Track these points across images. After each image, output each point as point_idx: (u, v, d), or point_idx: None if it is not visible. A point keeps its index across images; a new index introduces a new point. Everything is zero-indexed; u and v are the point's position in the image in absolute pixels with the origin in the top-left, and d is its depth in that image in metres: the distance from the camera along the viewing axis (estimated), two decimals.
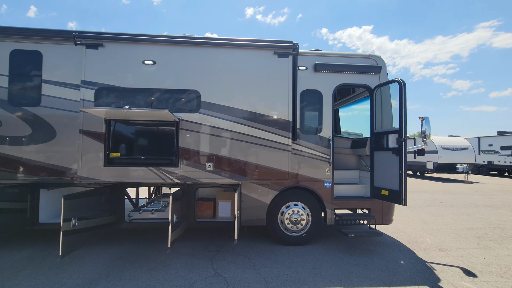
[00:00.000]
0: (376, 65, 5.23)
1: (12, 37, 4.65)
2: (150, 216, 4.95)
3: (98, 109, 3.98)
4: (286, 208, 5.07)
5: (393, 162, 4.59)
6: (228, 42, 4.57)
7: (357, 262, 4.41)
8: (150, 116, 4.19)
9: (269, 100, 4.59)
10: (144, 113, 3.99)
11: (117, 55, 4.39)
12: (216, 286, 3.55)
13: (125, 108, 3.81)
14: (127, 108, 3.85)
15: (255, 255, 4.62)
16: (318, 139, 5.08)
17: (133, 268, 4.05)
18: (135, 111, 3.79)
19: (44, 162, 4.60)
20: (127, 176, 4.37)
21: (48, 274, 3.82)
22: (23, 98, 4.66)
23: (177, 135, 4.41)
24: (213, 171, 4.45)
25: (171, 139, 4.43)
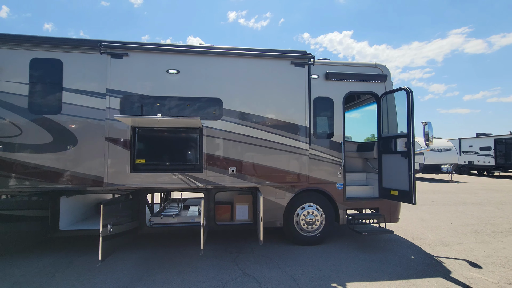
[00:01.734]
0: (382, 74, 5.61)
1: (32, 45, 4.68)
2: (171, 220, 5.06)
3: (132, 118, 4.11)
4: (301, 209, 5.32)
5: (402, 164, 4.94)
6: (248, 52, 4.79)
7: (372, 258, 4.71)
8: (181, 123, 4.35)
9: (287, 107, 4.84)
10: (176, 121, 4.14)
11: (141, 64, 4.52)
12: (249, 285, 3.74)
13: (158, 116, 3.95)
14: (160, 116, 3.99)
15: (275, 255, 4.83)
16: (330, 143, 5.38)
17: (162, 271, 4.17)
18: (168, 119, 3.94)
19: (65, 169, 4.64)
20: (153, 182, 4.49)
21: (80, 280, 3.88)
22: (43, 106, 4.69)
23: (201, 141, 4.58)
24: (236, 176, 4.64)
25: (195, 145, 4.59)
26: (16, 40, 4.66)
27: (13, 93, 4.60)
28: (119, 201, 4.14)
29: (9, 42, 4.63)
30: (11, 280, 3.88)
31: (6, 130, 4.54)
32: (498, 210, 8.88)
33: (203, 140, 4.59)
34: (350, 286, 3.74)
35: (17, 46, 4.65)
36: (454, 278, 3.97)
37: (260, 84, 4.80)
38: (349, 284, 3.78)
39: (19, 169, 4.53)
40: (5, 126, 4.54)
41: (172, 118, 4.05)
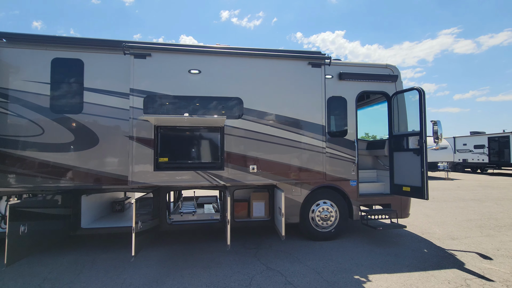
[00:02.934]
0: (393, 74, 5.79)
1: (53, 45, 4.72)
2: (190, 218, 5.15)
3: (161, 117, 4.20)
4: (316, 206, 5.47)
5: (414, 161, 5.13)
6: (267, 53, 4.91)
7: (387, 252, 4.89)
8: (207, 122, 4.45)
9: (305, 106, 4.98)
10: (203, 120, 4.24)
11: (164, 64, 4.60)
12: (275, 279, 3.87)
13: (185, 115, 4.05)
14: (187, 115, 4.09)
15: (293, 250, 4.97)
16: (344, 141, 5.54)
17: (188, 266, 4.27)
18: (195, 118, 4.04)
19: (87, 168, 4.70)
20: (176, 180, 4.58)
21: (108, 276, 3.96)
22: (65, 106, 4.74)
23: (222, 140, 4.68)
24: (256, 173, 4.76)
25: (216, 144, 4.69)
26: (38, 40, 4.69)
27: (35, 93, 4.64)
28: (147, 199, 4.23)
29: (30, 42, 4.66)
30: (41, 277, 3.94)
31: (29, 129, 4.58)
32: (497, 206, 9.19)
33: (224, 138, 4.69)
34: (372, 278, 3.90)
35: (38, 46, 4.69)
36: (468, 269, 4.17)
37: (278, 84, 4.93)
38: (371, 276, 3.94)
39: (42, 168, 4.58)
40: (28, 126, 4.58)
41: (200, 117, 4.15)
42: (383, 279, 3.85)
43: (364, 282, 3.78)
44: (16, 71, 4.62)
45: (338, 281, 3.79)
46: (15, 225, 3.48)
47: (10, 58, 4.61)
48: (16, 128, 4.56)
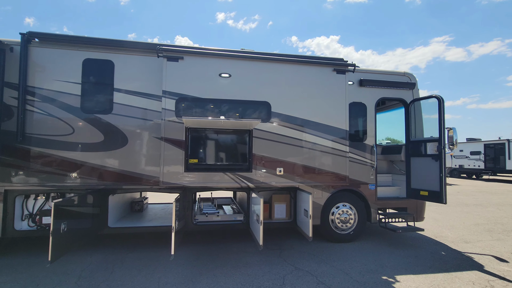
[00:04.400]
0: (411, 82, 5.99)
1: (85, 46, 4.79)
2: (215, 218, 5.24)
3: (198, 119, 4.32)
4: (336, 208, 5.61)
5: (433, 166, 5.31)
6: (295, 58, 5.06)
7: (407, 254, 5.05)
8: (242, 125, 4.56)
9: (330, 111, 5.13)
10: (238, 123, 4.34)
11: (195, 67, 4.70)
12: (306, 279, 3.99)
13: (221, 118, 4.15)
14: (223, 118, 4.20)
15: (316, 251, 5.09)
16: (364, 146, 5.71)
17: (217, 266, 4.36)
18: (231, 121, 4.15)
19: (116, 168, 4.76)
20: (206, 181, 4.67)
21: (142, 274, 4.02)
22: (95, 106, 4.80)
23: (250, 143, 4.80)
24: (283, 176, 4.88)
25: (244, 146, 4.80)
26: (69, 41, 4.75)
27: (66, 93, 4.69)
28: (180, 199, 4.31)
29: (62, 42, 4.72)
30: (75, 275, 3.98)
31: (59, 128, 4.63)
32: (500, 211, 9.46)
33: (252, 141, 4.80)
34: (399, 279, 4.04)
35: (70, 47, 4.75)
36: (488, 271, 4.34)
37: (304, 89, 5.07)
38: (398, 277, 4.08)
39: (71, 167, 4.63)
40: (59, 125, 4.63)
41: (236, 120, 4.26)
42: (410, 280, 4.00)
43: (393, 282, 3.92)
44: (48, 70, 4.67)
45: (368, 282, 3.92)
46: (58, 223, 3.53)
47: (42, 58, 4.66)
48: (47, 127, 4.60)
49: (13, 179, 4.48)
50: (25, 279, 3.83)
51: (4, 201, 4.47)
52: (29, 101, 4.57)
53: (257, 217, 4.35)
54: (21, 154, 4.50)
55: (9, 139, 4.47)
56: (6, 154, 4.46)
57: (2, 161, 4.44)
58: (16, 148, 4.49)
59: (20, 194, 4.60)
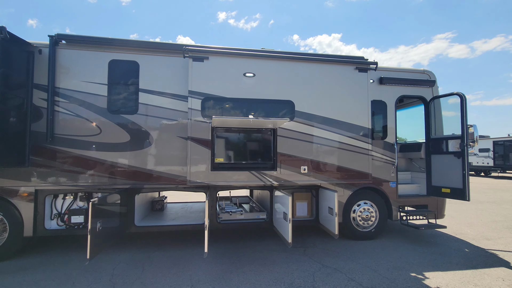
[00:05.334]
0: (430, 79, 5.99)
1: (111, 47, 4.85)
2: (239, 217, 5.29)
3: (227, 118, 4.36)
4: (357, 206, 5.63)
5: (455, 163, 5.31)
6: (318, 57, 5.09)
7: (431, 251, 5.06)
8: (270, 124, 4.59)
9: (352, 109, 5.15)
10: (267, 122, 4.38)
11: (220, 67, 4.74)
12: (336, 276, 4.03)
13: (250, 117, 4.20)
14: (252, 117, 4.24)
15: (339, 249, 5.12)
16: (384, 144, 5.72)
17: (245, 264, 4.41)
18: (260, 120, 4.19)
19: (142, 167, 4.82)
20: (232, 180, 4.72)
21: (173, 272, 4.09)
22: (121, 106, 4.86)
23: (275, 141, 4.83)
24: (307, 174, 4.92)
25: (269, 145, 4.84)
26: (96, 42, 4.81)
27: (93, 93, 4.76)
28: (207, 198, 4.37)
29: (88, 44, 4.78)
30: (107, 273, 4.05)
31: (87, 129, 4.70)
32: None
33: (276, 140, 4.84)
34: (428, 275, 4.06)
35: (96, 48, 4.81)
36: None
37: (327, 87, 5.09)
38: (426, 274, 4.10)
39: (99, 167, 4.70)
40: (86, 125, 4.70)
41: (265, 119, 4.30)
42: (439, 277, 4.02)
43: (422, 279, 3.94)
44: (75, 72, 4.74)
45: (397, 278, 3.95)
46: (94, 222, 3.60)
47: (69, 59, 4.73)
48: (75, 128, 4.67)
49: (43, 179, 4.56)
50: (60, 277, 3.91)
51: (35, 201, 4.56)
52: (58, 102, 4.65)
53: (285, 215, 4.39)
54: (51, 154, 4.58)
55: (39, 140, 4.55)
56: (36, 155, 4.55)
57: (33, 162, 4.52)
58: (46, 148, 4.57)
59: (49, 194, 4.68)
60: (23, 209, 4.51)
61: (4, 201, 4.47)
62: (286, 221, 4.27)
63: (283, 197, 4.46)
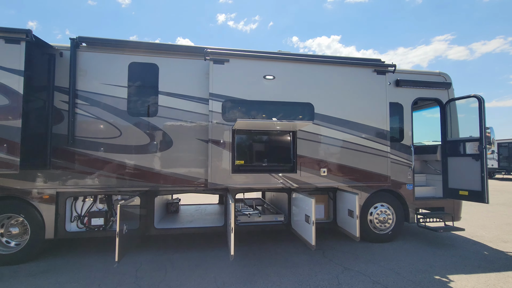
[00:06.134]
0: (446, 82, 6.00)
1: (131, 50, 4.86)
2: (256, 219, 5.28)
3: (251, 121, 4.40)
4: (374, 208, 5.62)
5: (473, 166, 5.31)
6: (337, 60, 5.11)
7: (450, 254, 5.05)
8: (293, 126, 4.60)
9: (371, 112, 5.16)
10: (290, 124, 4.38)
11: (241, 70, 4.76)
12: (360, 278, 4.02)
13: (274, 120, 4.20)
14: (275, 119, 4.25)
15: (358, 251, 5.11)
16: (401, 146, 5.72)
17: (267, 266, 4.40)
18: (284, 122, 4.20)
19: (162, 169, 4.81)
20: (252, 182, 4.72)
21: (197, 274, 4.08)
22: (140, 109, 4.87)
23: (295, 144, 4.84)
24: (326, 176, 4.92)
25: (289, 147, 4.85)
26: (116, 45, 4.83)
27: (113, 96, 4.76)
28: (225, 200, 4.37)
29: (109, 46, 4.80)
30: (131, 275, 4.05)
31: (107, 131, 4.70)
32: None
33: (296, 142, 4.85)
34: (452, 278, 4.05)
35: (116, 51, 4.82)
36: None
37: (346, 90, 5.11)
38: (450, 276, 4.09)
39: (119, 169, 4.70)
40: (106, 128, 4.70)
41: (289, 121, 4.31)
42: (464, 279, 4.01)
43: (447, 282, 3.93)
44: (95, 74, 4.75)
45: (421, 281, 3.94)
46: (121, 224, 3.60)
47: (89, 62, 4.74)
48: (95, 130, 4.68)
49: (64, 182, 4.57)
50: (84, 279, 3.91)
51: (56, 203, 4.56)
52: (78, 104, 4.66)
53: (307, 217, 4.38)
54: (72, 156, 4.59)
55: (60, 142, 4.56)
56: (58, 157, 4.55)
57: (54, 164, 4.53)
58: (67, 151, 4.58)
59: (70, 196, 4.68)
60: (45, 212, 4.51)
61: (25, 203, 4.47)
62: (309, 224, 4.27)
63: (305, 199, 4.46)
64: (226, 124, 4.64)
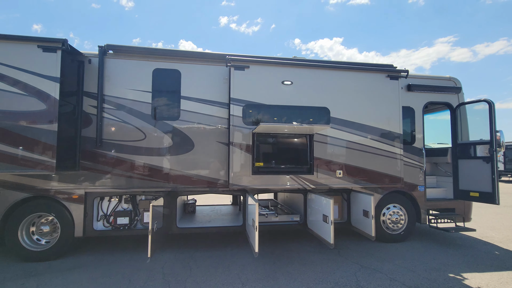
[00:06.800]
0: (456, 86, 6.17)
1: (155, 57, 5.09)
2: (274, 219, 5.47)
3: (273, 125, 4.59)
4: (386, 209, 5.80)
5: (484, 168, 5.47)
6: (351, 66, 5.31)
7: (462, 253, 5.21)
8: (312, 130, 4.83)
9: (384, 115, 5.35)
10: (310, 128, 4.59)
11: (260, 75, 4.98)
12: (377, 276, 4.19)
13: (294, 124, 4.41)
14: (296, 123, 4.45)
15: (372, 251, 5.28)
16: (413, 149, 5.90)
17: (286, 264, 4.58)
18: (305, 126, 4.41)
19: (184, 171, 5.03)
20: (271, 183, 4.93)
21: (220, 271, 4.27)
22: (164, 113, 5.09)
23: (311, 146, 5.04)
24: (342, 178, 5.11)
25: (306, 150, 5.05)
26: (141, 52, 5.07)
27: (138, 101, 4.99)
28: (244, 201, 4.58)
29: (134, 53, 5.04)
30: (157, 271, 4.26)
31: (133, 134, 4.93)
32: None
33: (313, 145, 5.04)
34: (466, 276, 4.22)
35: (141, 58, 5.06)
36: None
37: (360, 94, 5.30)
38: (464, 274, 4.26)
39: (144, 171, 4.91)
40: (132, 131, 4.93)
41: (309, 125, 4.51)
42: (478, 277, 4.17)
43: (461, 279, 4.10)
44: (121, 80, 4.98)
45: (437, 279, 4.11)
46: (154, 222, 3.82)
47: (116, 68, 4.98)
48: (121, 133, 4.91)
49: (92, 182, 4.79)
50: (115, 275, 4.12)
51: (85, 203, 4.78)
52: (106, 109, 4.89)
53: (325, 217, 4.57)
54: (99, 158, 4.82)
55: (88, 145, 4.79)
56: (86, 159, 4.78)
57: (83, 165, 4.76)
58: (95, 153, 4.81)
59: (97, 196, 4.91)
60: (74, 211, 4.74)
61: (56, 203, 4.70)
62: (328, 223, 4.46)
63: (324, 200, 4.64)
64: (246, 127, 4.85)
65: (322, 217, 4.72)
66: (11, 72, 4.09)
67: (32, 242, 4.71)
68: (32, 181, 4.66)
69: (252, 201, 4.25)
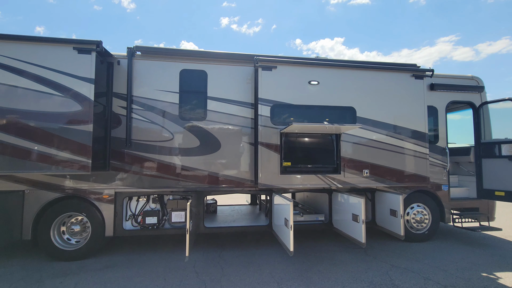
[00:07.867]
0: (479, 85, 6.16)
1: (181, 58, 5.14)
2: (299, 219, 5.49)
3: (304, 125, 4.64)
4: (410, 209, 5.79)
5: (510, 167, 5.45)
6: (377, 66, 5.33)
7: (490, 253, 5.19)
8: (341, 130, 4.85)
9: (409, 115, 5.35)
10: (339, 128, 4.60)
11: (287, 76, 5.00)
12: (410, 275, 4.19)
13: (325, 124, 4.43)
14: (326, 123, 4.47)
15: (398, 250, 5.28)
16: (436, 148, 5.90)
17: (315, 264, 4.59)
18: (336, 126, 4.42)
19: (211, 171, 5.06)
20: (299, 183, 4.94)
21: (252, 270, 4.30)
22: (191, 113, 5.13)
23: (338, 146, 5.05)
24: (368, 177, 5.11)
25: (333, 150, 5.06)
26: (168, 53, 5.11)
27: (166, 101, 5.03)
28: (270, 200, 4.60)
29: (161, 55, 5.08)
30: (190, 270, 4.29)
31: (161, 135, 4.97)
32: None
33: (340, 144, 5.06)
34: (499, 275, 4.21)
35: (168, 59, 5.10)
36: None
37: (385, 94, 5.31)
38: (497, 274, 4.25)
39: (172, 171, 4.95)
40: (160, 131, 4.97)
41: (340, 125, 4.53)
42: (511, 277, 4.16)
43: (496, 279, 4.09)
44: (149, 81, 5.02)
45: (471, 278, 4.10)
46: (190, 222, 3.85)
47: (144, 69, 5.02)
48: (150, 134, 4.95)
49: (122, 182, 4.84)
50: (149, 273, 4.16)
51: (115, 203, 4.83)
52: (134, 109, 4.94)
53: (355, 216, 4.58)
54: (129, 159, 4.86)
55: (118, 145, 4.84)
56: (116, 159, 4.83)
57: (113, 166, 4.81)
58: (124, 153, 4.85)
59: (127, 196, 4.95)
60: (105, 211, 4.78)
61: (87, 202, 4.75)
62: (358, 223, 4.47)
63: (354, 199, 4.66)
64: (274, 127, 4.88)
65: (351, 216, 4.73)
66: (48, 74, 4.15)
67: (63, 241, 4.76)
68: (63, 181, 4.72)
69: (285, 201, 4.27)
